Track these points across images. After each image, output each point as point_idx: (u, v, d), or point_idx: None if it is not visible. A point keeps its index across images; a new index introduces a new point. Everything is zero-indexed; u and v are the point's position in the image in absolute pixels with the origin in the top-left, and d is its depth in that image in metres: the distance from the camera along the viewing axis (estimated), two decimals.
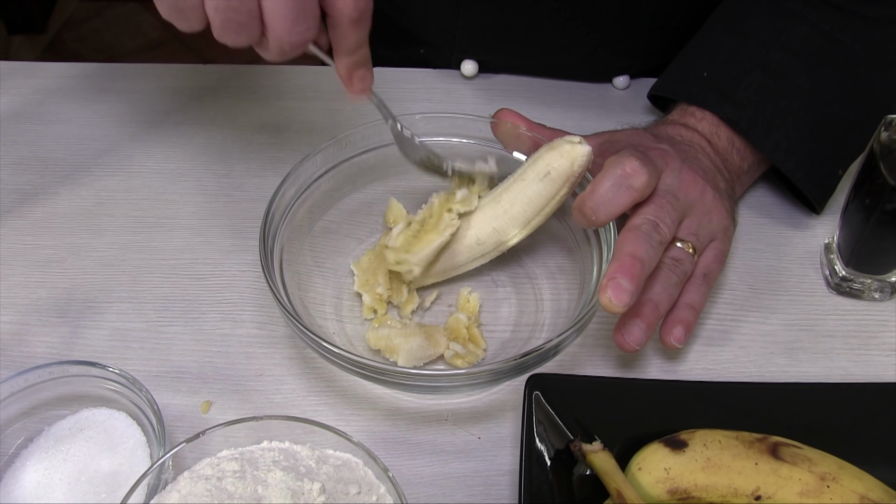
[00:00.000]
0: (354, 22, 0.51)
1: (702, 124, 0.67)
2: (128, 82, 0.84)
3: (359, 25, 0.51)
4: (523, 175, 0.59)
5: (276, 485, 0.44)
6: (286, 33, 0.49)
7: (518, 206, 0.59)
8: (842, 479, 0.48)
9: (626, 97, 0.82)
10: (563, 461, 0.51)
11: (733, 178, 0.67)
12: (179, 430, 0.56)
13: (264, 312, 0.63)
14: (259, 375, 0.59)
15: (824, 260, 0.67)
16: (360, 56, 0.54)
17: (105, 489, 0.51)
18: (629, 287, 0.52)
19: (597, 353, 0.61)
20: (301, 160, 0.61)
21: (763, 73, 0.66)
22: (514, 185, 0.59)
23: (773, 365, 0.61)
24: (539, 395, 0.52)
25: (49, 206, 0.72)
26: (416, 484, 0.54)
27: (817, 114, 0.66)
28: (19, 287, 0.65)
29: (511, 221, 0.59)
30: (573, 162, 0.57)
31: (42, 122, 0.79)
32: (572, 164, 0.57)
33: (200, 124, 0.79)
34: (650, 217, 0.56)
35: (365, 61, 0.55)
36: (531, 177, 0.58)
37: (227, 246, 0.68)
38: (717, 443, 0.50)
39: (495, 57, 0.83)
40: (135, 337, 0.62)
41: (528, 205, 0.59)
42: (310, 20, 0.49)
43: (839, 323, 0.64)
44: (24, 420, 0.55)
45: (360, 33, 0.52)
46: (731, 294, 0.65)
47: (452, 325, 0.60)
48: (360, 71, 0.55)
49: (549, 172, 0.57)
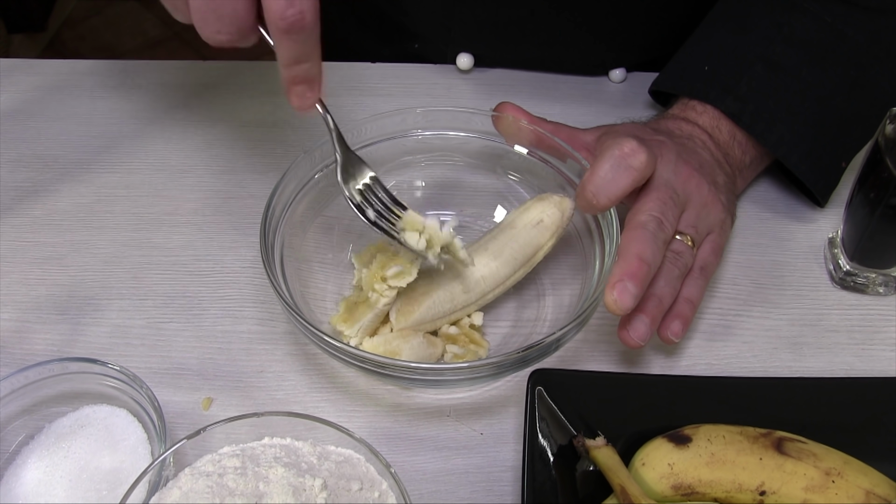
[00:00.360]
0: (283, 32, 0.48)
1: (703, 118, 0.67)
2: (128, 79, 0.83)
3: (290, 38, 0.49)
4: (513, 223, 0.60)
5: (278, 481, 0.44)
6: (199, 28, 0.50)
7: (508, 252, 0.59)
8: (847, 474, 0.47)
9: (624, 91, 0.82)
10: (566, 457, 0.51)
11: (734, 171, 0.66)
12: (180, 427, 0.56)
13: (265, 309, 0.63)
14: (260, 372, 0.59)
15: (828, 254, 0.67)
16: (299, 71, 0.51)
17: (106, 486, 0.51)
18: (634, 291, 0.52)
19: (599, 349, 0.60)
20: (300, 156, 0.61)
21: (765, 66, 0.66)
22: (502, 234, 0.60)
23: (776, 360, 0.60)
24: (542, 391, 0.52)
25: (49, 203, 0.71)
26: (419, 480, 0.53)
27: (820, 107, 0.65)
28: (19, 284, 0.65)
29: (500, 267, 0.59)
30: (563, 213, 0.60)
31: (42, 119, 0.79)
32: (563, 215, 0.60)
33: (201, 121, 0.78)
34: (655, 214, 0.56)
35: (306, 78, 0.51)
36: (522, 224, 0.60)
37: (228, 242, 0.68)
38: (721, 438, 0.49)
39: (491, 50, 0.82)
40: (135, 334, 0.62)
41: (520, 251, 0.59)
42: (223, 23, 0.49)
43: (843, 318, 0.63)
44: (24, 417, 0.54)
45: (293, 46, 0.49)
46: (735, 289, 0.65)
47: (446, 333, 0.59)
48: (298, 87, 0.52)
49: (542, 220, 0.59)
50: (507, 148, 0.65)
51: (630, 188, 0.55)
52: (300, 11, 0.47)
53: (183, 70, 0.84)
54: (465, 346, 0.59)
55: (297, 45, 0.49)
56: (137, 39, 2.29)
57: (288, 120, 0.78)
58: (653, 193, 0.57)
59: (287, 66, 0.50)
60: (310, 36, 0.49)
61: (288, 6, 0.47)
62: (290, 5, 0.47)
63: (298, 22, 0.48)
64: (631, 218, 0.56)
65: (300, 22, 0.48)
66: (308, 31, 0.49)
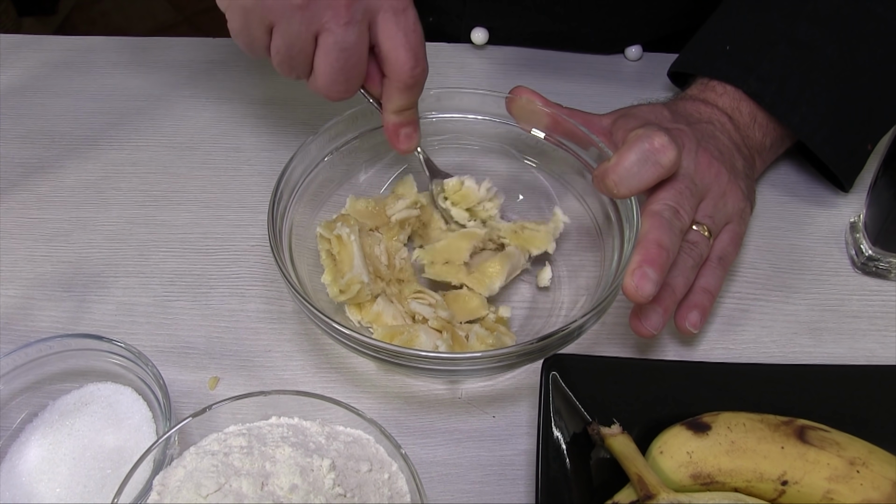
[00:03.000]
0: (408, 88, 0.55)
1: (722, 99, 0.65)
2: (136, 56, 0.82)
3: (412, 91, 0.55)
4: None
5: (285, 461, 0.43)
6: (325, 88, 0.54)
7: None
8: (872, 464, 0.46)
9: (640, 69, 0.80)
10: (581, 445, 0.49)
11: (753, 154, 0.65)
12: (186, 406, 0.55)
13: (273, 288, 0.62)
14: (267, 351, 0.58)
15: (850, 239, 0.65)
16: (408, 116, 0.57)
17: (110, 465, 0.50)
18: (655, 277, 0.51)
19: (616, 333, 0.59)
20: (312, 135, 0.59)
21: (789, 45, 0.64)
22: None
23: (796, 346, 0.59)
24: (556, 376, 0.50)
25: (55, 179, 0.70)
26: (429, 463, 0.52)
27: (846, 87, 0.63)
28: (24, 261, 0.64)
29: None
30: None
31: (48, 95, 0.78)
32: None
33: (209, 98, 0.77)
34: (671, 203, 0.54)
35: (412, 121, 0.58)
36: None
37: (236, 220, 0.67)
38: (741, 426, 0.48)
39: (505, 23, 0.81)
40: (141, 312, 0.61)
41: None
42: (350, 82, 0.54)
43: (865, 303, 0.62)
44: (27, 394, 0.54)
45: (411, 97, 0.56)
46: (753, 273, 0.63)
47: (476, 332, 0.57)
48: (406, 129, 0.58)
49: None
50: (522, 132, 0.63)
51: (653, 183, 0.55)
52: (423, 70, 0.55)
53: (191, 47, 0.83)
54: (494, 330, 0.57)
55: (412, 96, 0.56)
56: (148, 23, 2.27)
57: (297, 97, 0.77)
58: (671, 184, 0.56)
59: (396, 113, 0.57)
60: (422, 87, 0.56)
61: (416, 65, 0.54)
62: (417, 63, 0.54)
63: (421, 78, 0.55)
64: (647, 207, 0.55)
65: (422, 78, 0.55)
66: (423, 84, 0.56)
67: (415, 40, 0.54)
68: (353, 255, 0.56)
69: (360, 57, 0.53)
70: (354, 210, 0.60)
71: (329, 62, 0.53)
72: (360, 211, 0.60)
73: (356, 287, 0.55)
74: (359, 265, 0.56)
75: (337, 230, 0.56)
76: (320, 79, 0.54)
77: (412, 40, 0.53)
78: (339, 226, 0.57)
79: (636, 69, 0.81)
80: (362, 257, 0.56)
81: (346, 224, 0.57)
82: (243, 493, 0.42)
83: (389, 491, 0.44)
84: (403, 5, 0.53)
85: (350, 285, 0.55)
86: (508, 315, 0.59)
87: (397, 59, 0.53)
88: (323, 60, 0.53)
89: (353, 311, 0.57)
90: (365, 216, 0.60)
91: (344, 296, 0.55)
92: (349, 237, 0.56)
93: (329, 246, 0.57)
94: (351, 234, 0.56)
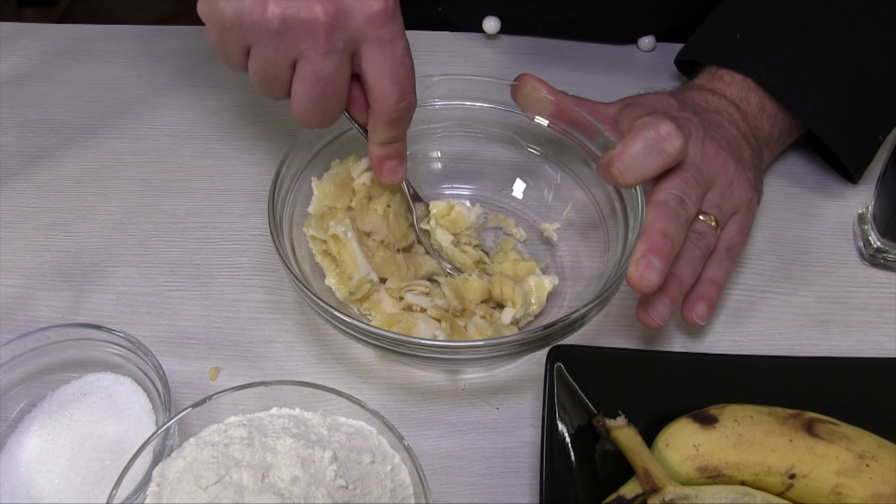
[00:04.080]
0: (392, 122, 0.52)
1: (730, 89, 0.64)
2: (136, 45, 0.81)
3: (396, 125, 0.52)
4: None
5: (286, 452, 0.42)
6: (300, 115, 0.52)
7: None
8: (882, 458, 0.45)
9: (651, 60, 0.79)
10: (586, 437, 0.49)
11: (761, 145, 0.64)
12: (186, 397, 0.54)
13: (275, 277, 0.61)
14: (269, 342, 0.57)
15: (857, 231, 0.64)
16: (393, 149, 0.54)
17: (109, 455, 0.49)
18: (660, 266, 0.50)
19: (621, 324, 0.59)
20: None
21: (800, 33, 0.63)
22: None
23: (803, 338, 0.58)
24: (561, 367, 0.50)
25: (55, 168, 0.70)
26: (432, 455, 0.52)
27: (858, 76, 0.62)
28: (23, 250, 0.63)
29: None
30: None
31: (48, 83, 0.77)
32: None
33: (210, 87, 0.77)
34: (676, 192, 0.54)
35: (397, 154, 0.55)
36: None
37: (237, 210, 0.66)
38: (748, 418, 0.47)
39: (517, 13, 0.80)
40: (141, 302, 0.60)
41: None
42: (327, 112, 0.51)
43: (873, 295, 0.61)
44: (26, 384, 0.53)
45: (396, 131, 0.53)
46: (760, 264, 0.63)
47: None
48: (390, 163, 0.55)
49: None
50: (527, 120, 0.62)
51: (659, 172, 0.54)
52: (409, 105, 0.52)
53: (192, 36, 0.82)
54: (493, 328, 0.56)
55: (398, 130, 0.53)
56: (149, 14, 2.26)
57: None
58: (676, 172, 0.55)
59: (382, 145, 0.54)
60: (409, 121, 0.53)
61: (400, 98, 0.51)
62: (403, 97, 0.51)
63: (407, 113, 0.52)
64: (652, 196, 0.54)
65: (408, 113, 0.52)
66: (410, 119, 0.53)
67: (401, 73, 0.50)
68: (355, 253, 0.55)
69: (338, 87, 0.50)
70: (324, 194, 0.58)
71: (305, 90, 0.50)
72: (329, 193, 0.58)
73: (367, 287, 0.55)
74: (364, 264, 0.55)
75: (332, 229, 0.55)
76: (296, 105, 0.51)
77: (398, 73, 0.50)
78: (332, 224, 0.55)
79: (649, 60, 0.80)
80: (363, 254, 0.56)
81: (338, 221, 0.55)
82: (244, 484, 0.41)
83: (392, 483, 0.43)
84: (391, 36, 0.49)
85: (360, 286, 0.55)
86: (550, 288, 0.58)
87: (381, 91, 0.50)
88: (299, 88, 0.50)
89: (353, 302, 0.56)
90: (335, 195, 0.58)
91: (354, 297, 0.55)
92: (346, 235, 0.55)
93: (326, 246, 0.56)
94: (347, 231, 0.55)
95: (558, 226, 0.62)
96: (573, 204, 0.62)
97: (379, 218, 0.59)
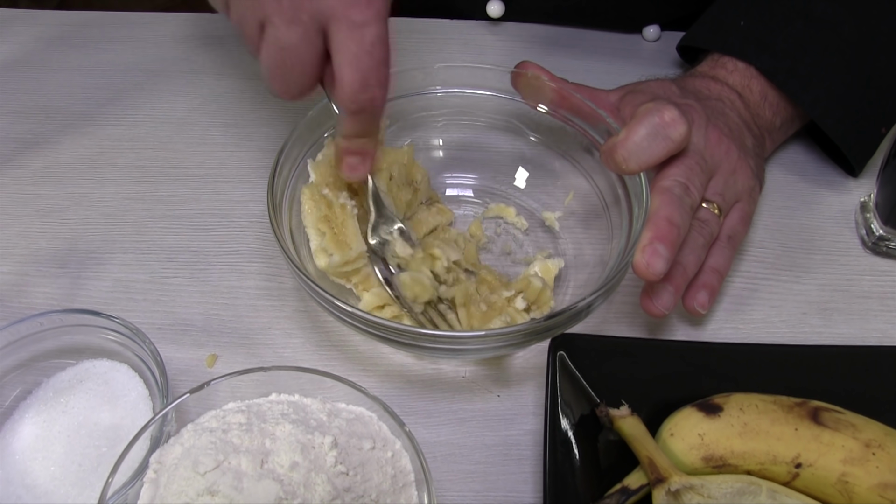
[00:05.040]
0: (352, 113, 0.49)
1: (733, 76, 0.64)
2: (133, 31, 0.81)
3: (357, 118, 0.49)
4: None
5: (285, 438, 0.42)
6: (265, 81, 0.49)
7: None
8: (889, 446, 0.44)
9: (656, 50, 0.79)
10: (589, 427, 0.48)
11: (763, 133, 0.63)
12: (183, 384, 0.53)
13: (273, 264, 0.61)
14: (267, 329, 0.57)
15: (860, 219, 0.64)
16: (356, 145, 0.51)
17: (105, 442, 0.48)
18: (666, 254, 0.50)
19: (623, 312, 0.58)
20: (312, 109, 0.58)
21: (805, 22, 0.62)
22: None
23: (805, 326, 0.58)
24: (564, 356, 0.49)
25: (51, 155, 0.69)
26: (432, 443, 0.51)
27: (862, 67, 0.62)
28: (19, 237, 0.63)
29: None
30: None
31: (44, 69, 0.76)
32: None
33: (207, 73, 0.76)
34: (681, 179, 0.53)
35: (360, 151, 0.52)
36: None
37: (235, 196, 0.65)
38: (754, 407, 0.47)
39: None
40: (138, 288, 0.59)
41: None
42: (289, 84, 0.49)
43: (875, 284, 0.61)
44: (21, 371, 0.52)
45: (359, 125, 0.50)
46: (762, 252, 0.62)
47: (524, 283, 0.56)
48: (351, 159, 0.52)
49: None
50: (529, 108, 0.62)
51: (663, 158, 0.53)
52: (371, 98, 0.47)
53: (189, 23, 0.82)
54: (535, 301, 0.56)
55: (360, 124, 0.50)
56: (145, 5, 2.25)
57: None
58: (680, 159, 0.54)
59: (345, 138, 0.51)
60: (376, 117, 0.50)
61: (361, 90, 0.47)
62: (364, 90, 0.47)
63: (368, 106, 0.48)
64: (656, 183, 0.54)
65: (370, 106, 0.48)
66: (376, 114, 0.49)
67: (366, 62, 0.46)
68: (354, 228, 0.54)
69: (301, 60, 0.47)
70: (321, 175, 0.56)
71: (268, 55, 0.48)
72: (326, 173, 0.56)
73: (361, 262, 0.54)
74: (360, 241, 0.54)
75: (342, 199, 0.54)
76: (262, 69, 0.49)
77: (362, 61, 0.46)
78: (343, 194, 0.54)
79: (653, 49, 0.79)
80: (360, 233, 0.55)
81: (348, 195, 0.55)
82: (242, 470, 0.40)
83: (393, 469, 0.43)
84: (362, 19, 0.45)
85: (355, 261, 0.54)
86: (556, 271, 0.57)
87: (341, 78, 0.46)
88: (263, 52, 0.48)
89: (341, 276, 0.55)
90: (332, 173, 0.56)
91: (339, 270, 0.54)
92: (352, 210, 0.54)
93: (327, 212, 0.54)
94: (355, 208, 0.54)
95: (560, 214, 0.61)
96: (575, 192, 0.61)
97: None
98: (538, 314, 0.56)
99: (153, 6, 2.42)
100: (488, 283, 0.57)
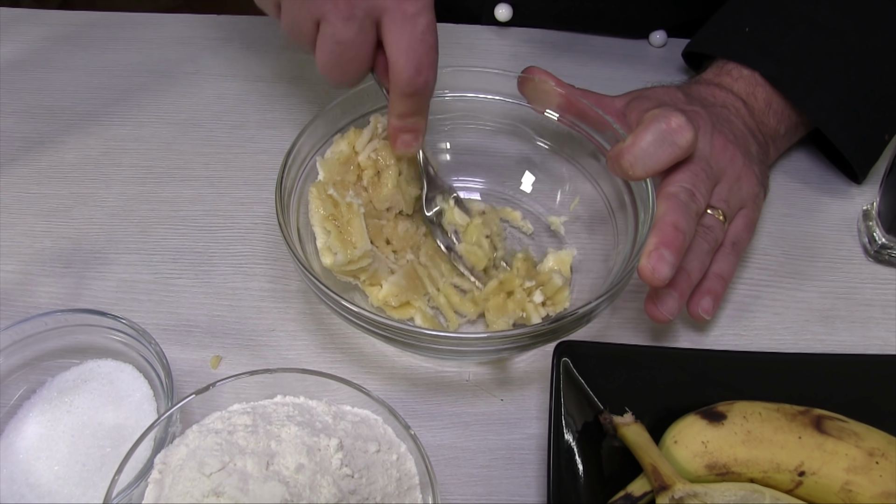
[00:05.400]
0: (407, 96, 0.52)
1: (738, 83, 0.64)
2: (139, 32, 0.81)
3: (411, 99, 0.52)
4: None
5: (291, 440, 0.42)
6: (322, 73, 0.53)
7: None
8: (891, 455, 0.45)
9: (662, 56, 0.79)
10: (592, 434, 0.48)
11: (767, 141, 0.64)
12: (188, 385, 0.54)
13: (277, 266, 0.61)
14: (271, 331, 0.57)
15: (862, 227, 0.64)
16: (411, 123, 0.54)
17: (109, 443, 0.48)
18: (671, 259, 0.50)
19: (627, 318, 0.58)
20: (319, 112, 0.58)
21: (809, 28, 0.63)
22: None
23: (808, 333, 0.58)
24: (568, 363, 0.49)
25: (56, 155, 0.69)
26: (436, 446, 0.51)
27: (866, 73, 0.62)
28: (23, 236, 0.63)
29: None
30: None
31: (49, 69, 0.77)
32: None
33: (213, 75, 0.76)
34: (687, 185, 0.53)
35: (413, 129, 0.55)
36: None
37: (240, 198, 0.65)
38: (757, 415, 0.47)
39: (530, 1, 0.79)
40: (142, 289, 0.59)
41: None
42: (347, 74, 0.52)
43: (878, 292, 0.61)
44: (26, 370, 0.52)
45: (412, 105, 0.53)
46: (765, 259, 0.62)
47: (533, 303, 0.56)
48: (405, 136, 0.55)
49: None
50: (536, 113, 0.62)
51: (670, 164, 0.53)
52: (425, 81, 0.51)
53: (194, 24, 0.82)
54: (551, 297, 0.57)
55: (414, 104, 0.53)
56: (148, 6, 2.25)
57: (303, 76, 0.75)
58: (686, 166, 0.54)
59: (399, 117, 0.54)
60: (427, 97, 0.53)
61: (416, 75, 0.50)
62: (419, 73, 0.50)
63: (422, 89, 0.52)
64: (662, 189, 0.54)
65: (423, 89, 0.52)
66: (427, 94, 0.52)
67: (420, 49, 0.50)
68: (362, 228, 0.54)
69: (357, 52, 0.51)
70: (330, 172, 0.57)
71: (325, 51, 0.51)
72: (334, 170, 0.57)
73: (366, 261, 0.54)
74: (366, 240, 0.54)
75: (349, 198, 0.55)
76: (318, 63, 0.52)
77: (416, 49, 0.50)
78: (350, 193, 0.55)
79: (659, 55, 0.79)
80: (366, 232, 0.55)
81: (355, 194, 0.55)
82: (248, 472, 0.41)
83: (398, 472, 0.43)
84: (414, 10, 0.49)
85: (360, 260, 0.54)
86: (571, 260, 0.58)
87: (397, 65, 0.50)
88: (320, 48, 0.51)
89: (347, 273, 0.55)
90: (341, 173, 0.57)
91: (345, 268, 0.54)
92: (359, 208, 0.54)
93: (334, 210, 0.55)
94: (362, 206, 0.55)
95: (566, 219, 0.62)
96: (581, 197, 0.61)
97: (393, 191, 0.58)
98: (553, 311, 0.56)
99: (155, 7, 2.42)
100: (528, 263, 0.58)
